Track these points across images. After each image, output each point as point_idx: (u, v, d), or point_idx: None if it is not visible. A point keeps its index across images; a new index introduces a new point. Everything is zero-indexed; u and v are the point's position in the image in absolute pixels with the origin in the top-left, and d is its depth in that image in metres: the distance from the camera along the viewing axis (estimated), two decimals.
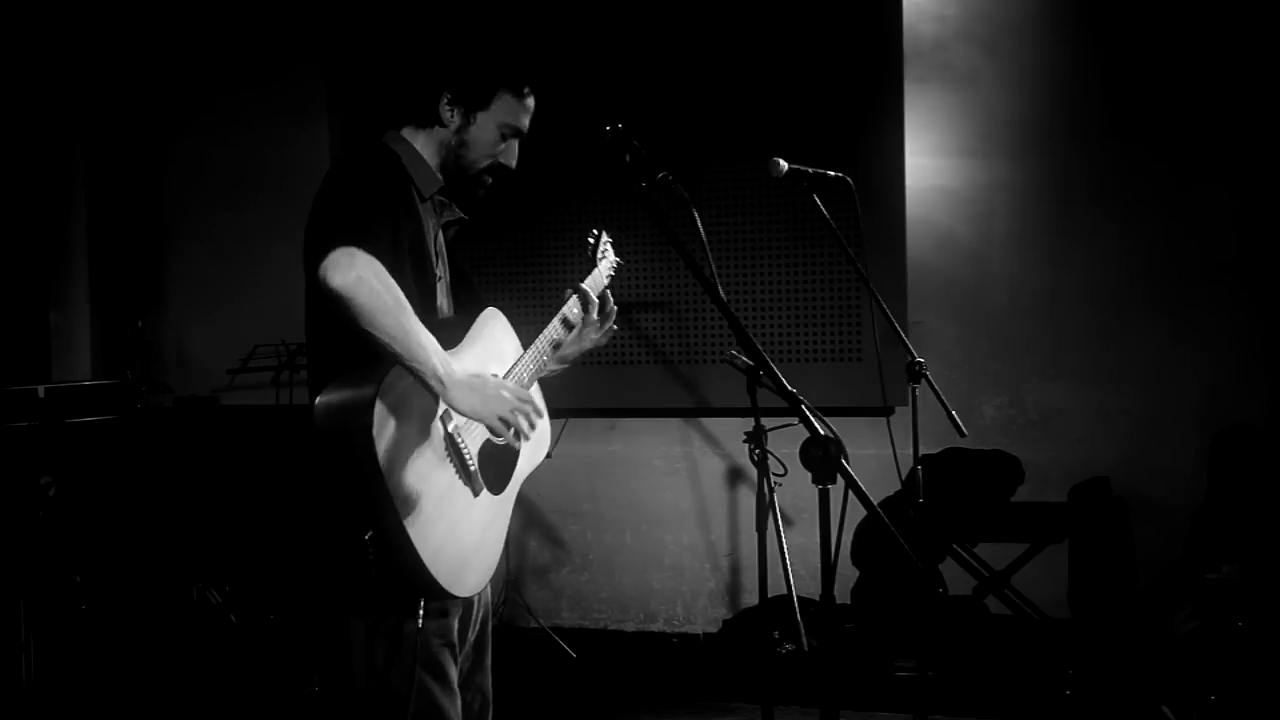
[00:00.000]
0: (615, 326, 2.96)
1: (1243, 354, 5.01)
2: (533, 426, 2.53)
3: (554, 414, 2.84)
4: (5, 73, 5.91)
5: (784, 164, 3.40)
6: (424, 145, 2.63)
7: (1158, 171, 5.09)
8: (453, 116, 2.61)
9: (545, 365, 2.78)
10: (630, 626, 5.73)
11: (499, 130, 2.63)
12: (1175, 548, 4.83)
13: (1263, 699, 4.02)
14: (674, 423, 5.64)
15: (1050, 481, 5.11)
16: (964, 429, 3.66)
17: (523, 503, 5.72)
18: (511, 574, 5.61)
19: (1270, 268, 4.97)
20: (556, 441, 5.23)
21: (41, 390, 4.92)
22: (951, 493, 4.82)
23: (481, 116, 2.61)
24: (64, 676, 4.59)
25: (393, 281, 2.34)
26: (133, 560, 5.01)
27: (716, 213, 5.40)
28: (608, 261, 3.05)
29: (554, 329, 2.79)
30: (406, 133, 2.63)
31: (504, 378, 2.61)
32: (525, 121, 2.67)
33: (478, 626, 2.75)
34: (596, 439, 5.71)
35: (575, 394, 5.55)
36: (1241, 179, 5.00)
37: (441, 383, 2.36)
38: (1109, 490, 4.99)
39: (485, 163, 2.65)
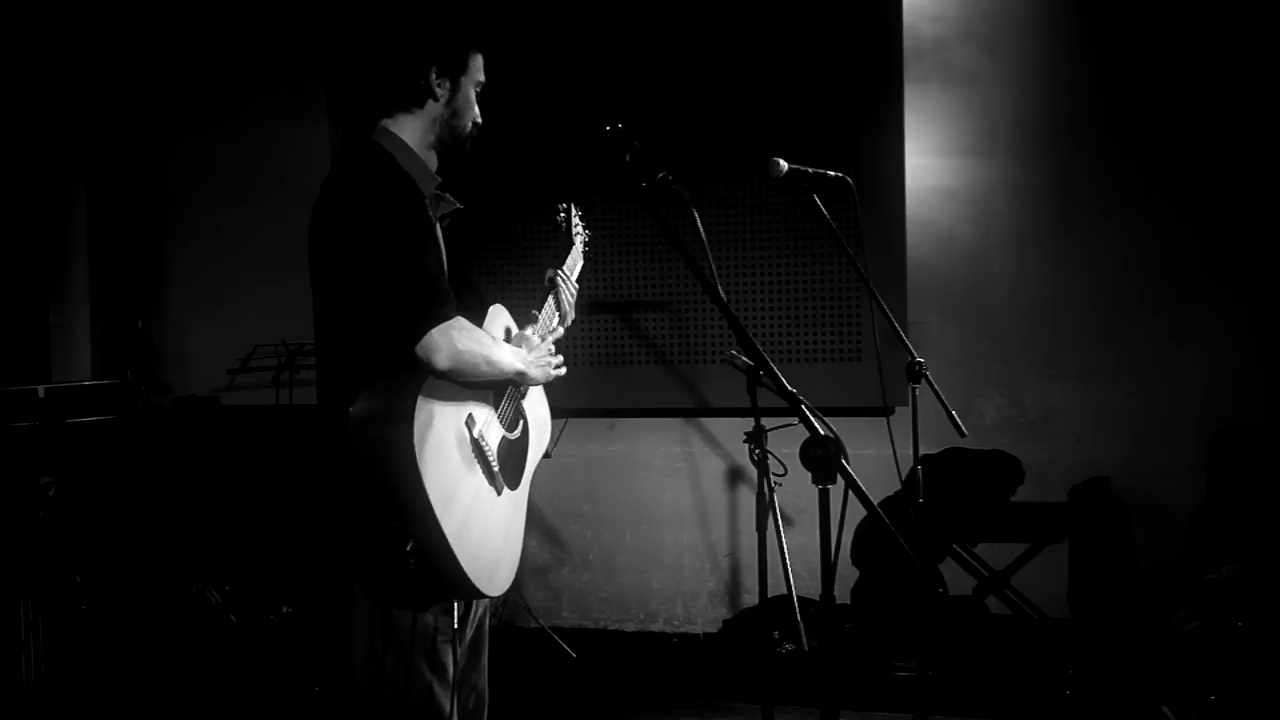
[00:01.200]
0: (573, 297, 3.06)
1: (1243, 354, 5.01)
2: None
3: (554, 414, 2.87)
4: (6, 73, 5.91)
5: (784, 164, 3.40)
6: (413, 132, 2.68)
7: (1158, 171, 5.09)
8: (442, 89, 2.68)
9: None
10: (630, 626, 5.73)
11: (475, 89, 2.74)
12: (1175, 548, 4.83)
13: (1263, 699, 4.02)
14: (674, 423, 5.64)
15: (1050, 481, 5.11)
16: (964, 429, 3.66)
17: None
18: None
19: (1271, 267, 4.97)
20: (557, 441, 5.26)
21: (41, 390, 4.92)
22: (951, 493, 4.82)
23: (463, 80, 2.71)
24: (64, 676, 4.59)
25: (477, 332, 2.56)
26: (133, 560, 5.01)
27: (716, 213, 5.40)
28: (581, 236, 3.10)
29: (549, 312, 2.92)
30: (394, 125, 2.67)
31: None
32: (484, 73, 2.78)
33: (474, 626, 2.75)
34: (596, 439, 5.71)
35: (575, 394, 5.54)
36: (1242, 178, 5.00)
37: (523, 374, 2.65)
38: (1109, 490, 4.99)
39: (469, 124, 2.74)
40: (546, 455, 2.86)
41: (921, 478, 3.76)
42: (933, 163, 5.29)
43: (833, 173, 3.58)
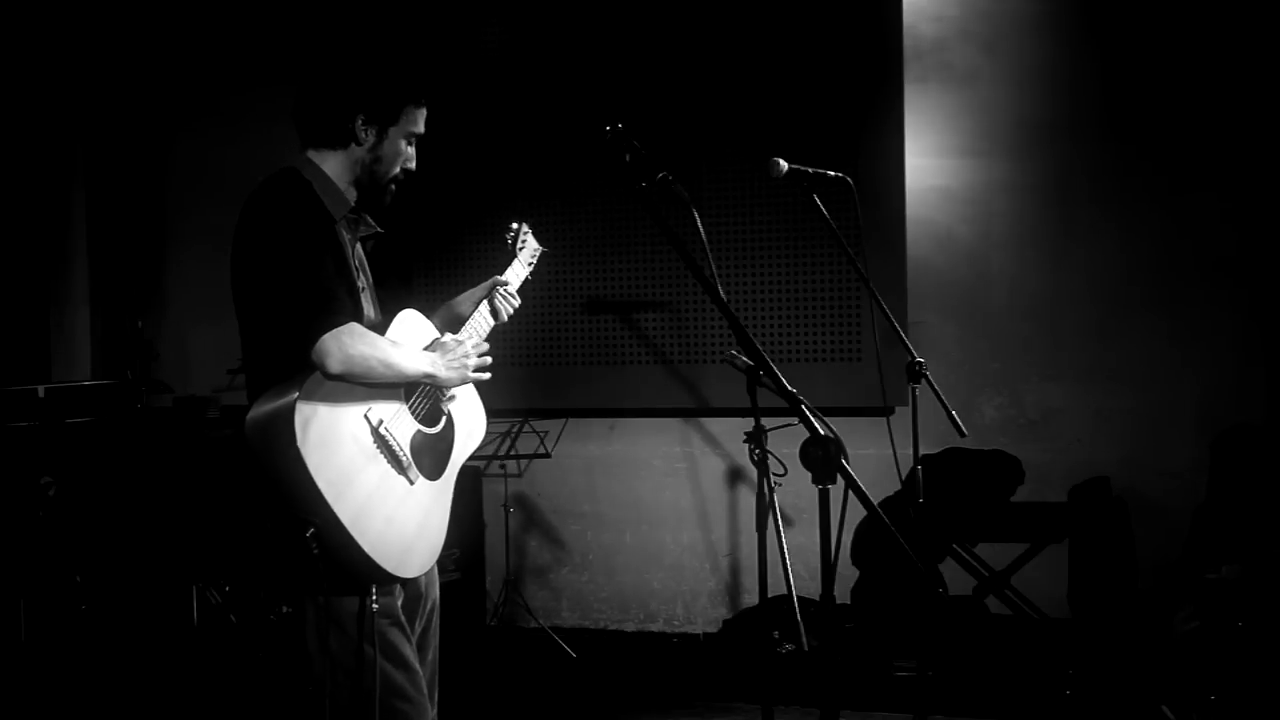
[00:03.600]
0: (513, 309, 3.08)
1: (1242, 354, 5.01)
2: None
3: (554, 414, 2.89)
4: (6, 73, 5.91)
5: (784, 164, 3.40)
6: (334, 166, 2.76)
7: (1157, 172, 5.10)
8: (367, 136, 2.75)
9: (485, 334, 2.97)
10: (630, 626, 5.73)
11: (405, 140, 2.79)
12: (1175, 548, 4.83)
13: (1263, 699, 4.02)
14: (674, 423, 5.64)
15: (1050, 481, 5.11)
16: (964, 429, 3.66)
17: (523, 503, 5.75)
18: (511, 574, 5.61)
19: (1269, 267, 4.97)
20: (557, 441, 5.26)
21: (41, 390, 4.93)
22: (951, 493, 4.83)
23: (392, 131, 2.77)
24: (64, 676, 4.59)
25: (371, 336, 2.60)
26: (133, 560, 5.01)
27: (716, 213, 5.40)
28: (527, 251, 3.20)
29: (482, 315, 2.98)
30: (317, 156, 2.77)
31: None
32: (423, 125, 2.83)
33: (422, 621, 2.79)
34: (596, 439, 5.71)
35: (575, 394, 5.56)
36: (1240, 179, 5.00)
37: (431, 376, 2.69)
38: (1109, 490, 4.99)
39: (395, 171, 2.80)
40: (546, 455, 2.86)
41: (921, 478, 3.76)
42: (932, 163, 5.30)
43: (833, 173, 3.57)
